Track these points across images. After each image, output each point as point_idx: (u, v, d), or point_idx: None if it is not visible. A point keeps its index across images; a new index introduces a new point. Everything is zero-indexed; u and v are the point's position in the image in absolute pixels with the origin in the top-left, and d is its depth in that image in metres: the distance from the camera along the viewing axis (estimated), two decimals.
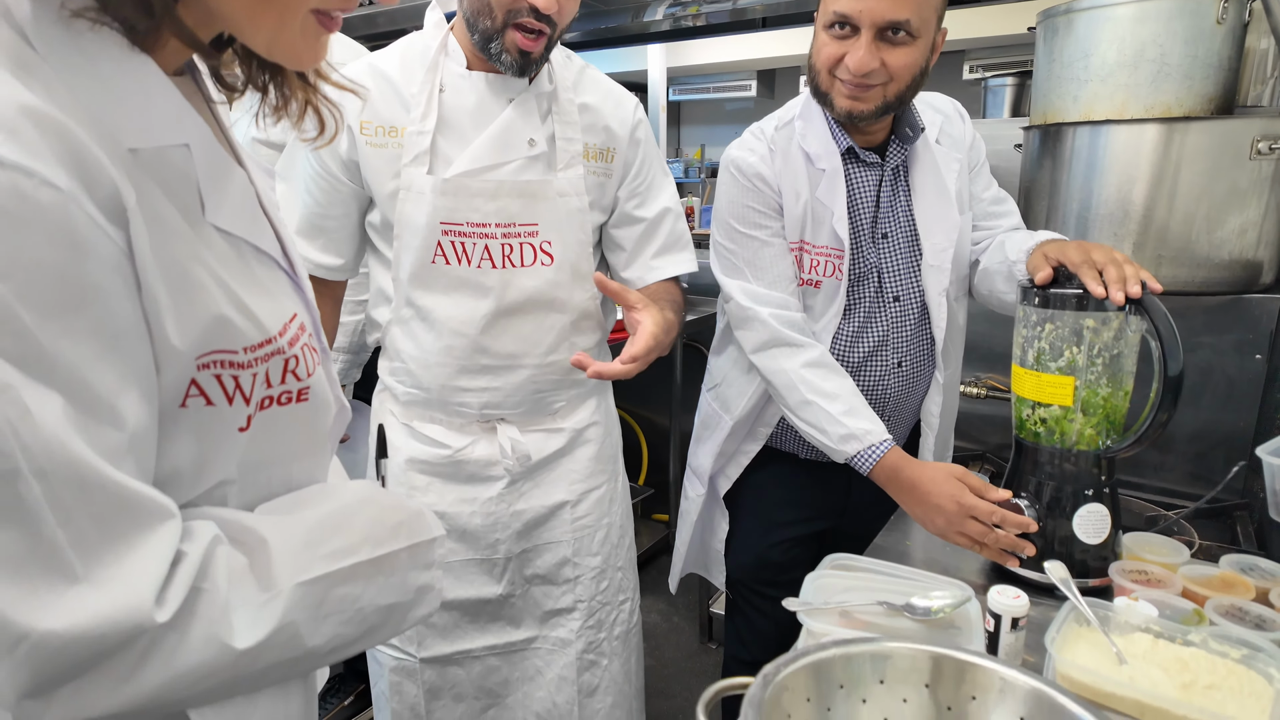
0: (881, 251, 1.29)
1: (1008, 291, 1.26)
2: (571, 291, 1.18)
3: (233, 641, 0.50)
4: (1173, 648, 0.79)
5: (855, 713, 0.64)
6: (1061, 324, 0.98)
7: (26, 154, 0.41)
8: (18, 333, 0.41)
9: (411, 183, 1.09)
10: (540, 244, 1.14)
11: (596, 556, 1.29)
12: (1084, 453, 0.99)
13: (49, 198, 0.42)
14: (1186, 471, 1.72)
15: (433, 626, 1.23)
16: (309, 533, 0.57)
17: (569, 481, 1.26)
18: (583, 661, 1.29)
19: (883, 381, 1.32)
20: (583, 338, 1.22)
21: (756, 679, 0.60)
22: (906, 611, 0.84)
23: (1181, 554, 1.01)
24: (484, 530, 1.22)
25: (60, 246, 0.43)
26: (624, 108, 1.23)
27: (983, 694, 0.64)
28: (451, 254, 1.11)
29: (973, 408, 2.03)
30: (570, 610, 1.28)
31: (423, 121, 1.09)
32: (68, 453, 0.43)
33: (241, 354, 0.54)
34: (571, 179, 1.15)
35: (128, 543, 0.46)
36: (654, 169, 1.27)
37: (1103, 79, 1.63)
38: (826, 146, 1.25)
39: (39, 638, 0.43)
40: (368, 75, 1.11)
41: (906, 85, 1.15)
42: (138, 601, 0.46)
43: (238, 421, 0.55)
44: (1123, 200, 1.64)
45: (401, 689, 1.26)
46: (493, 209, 1.10)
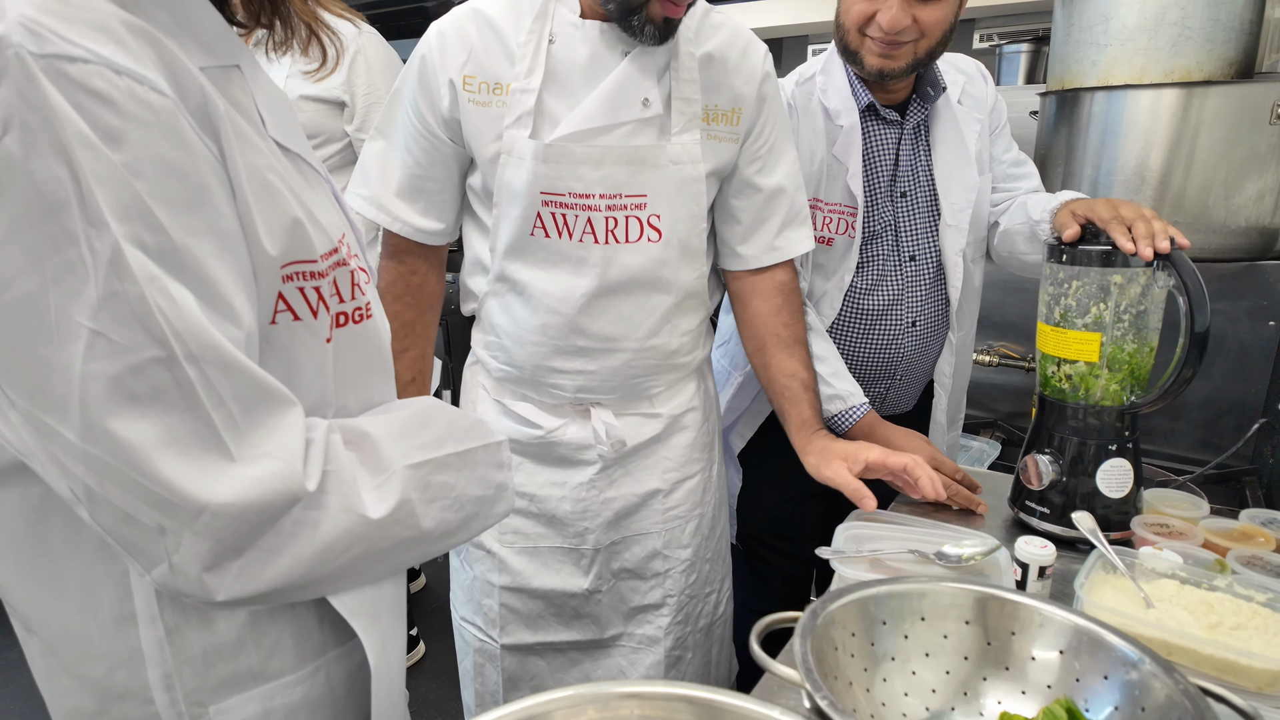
0: (899, 210, 1.29)
1: (1029, 252, 1.27)
2: (679, 270, 1.08)
3: (367, 512, 0.53)
4: (1198, 592, 0.81)
5: (898, 646, 0.66)
6: (1088, 280, 0.98)
7: (136, 62, 0.44)
8: (154, 228, 0.44)
9: (513, 146, 1.00)
10: (648, 218, 1.03)
11: (687, 549, 1.21)
12: (1108, 408, 1.00)
13: (160, 102, 0.44)
14: (1196, 437, 1.74)
15: (515, 613, 1.18)
16: (401, 426, 0.60)
17: (663, 470, 1.18)
18: (670, 659, 1.22)
19: (897, 340, 1.33)
20: (685, 319, 1.12)
21: (806, 612, 0.61)
22: (937, 559, 0.86)
23: (1201, 509, 1.03)
24: (573, 517, 1.15)
25: (177, 147, 0.45)
26: (752, 58, 1.08)
27: (1023, 629, 0.66)
28: (551, 226, 1.02)
29: (985, 376, 2.05)
30: (659, 606, 1.21)
31: (528, 78, 0.99)
32: (212, 339, 0.46)
33: (319, 261, 0.55)
34: (687, 144, 1.03)
35: (267, 425, 0.49)
36: (779, 130, 1.13)
37: (1122, 43, 1.62)
38: (846, 103, 1.25)
39: (217, 508, 0.46)
40: (472, 22, 1.01)
41: (937, 41, 1.15)
42: (290, 471, 0.49)
43: (323, 333, 0.57)
44: (1139, 166, 1.64)
45: (483, 671, 1.23)
46: (597, 177, 1.00)
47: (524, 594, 1.17)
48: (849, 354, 1.33)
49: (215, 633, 0.57)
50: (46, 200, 0.41)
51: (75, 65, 0.41)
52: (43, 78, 0.40)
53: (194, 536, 0.46)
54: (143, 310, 0.43)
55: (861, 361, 1.34)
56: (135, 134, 0.43)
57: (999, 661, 0.66)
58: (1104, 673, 0.61)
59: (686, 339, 1.14)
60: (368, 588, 0.59)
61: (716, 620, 1.28)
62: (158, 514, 0.46)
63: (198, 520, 0.46)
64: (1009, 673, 0.66)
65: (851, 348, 1.34)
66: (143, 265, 0.43)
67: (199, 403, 0.46)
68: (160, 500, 0.45)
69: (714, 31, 1.07)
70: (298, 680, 0.61)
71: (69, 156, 0.41)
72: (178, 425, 0.45)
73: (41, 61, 0.40)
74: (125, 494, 0.45)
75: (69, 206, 0.41)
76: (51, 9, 0.42)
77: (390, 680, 0.63)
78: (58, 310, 0.42)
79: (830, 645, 0.62)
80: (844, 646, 0.63)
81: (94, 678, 0.56)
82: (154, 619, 0.55)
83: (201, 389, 0.46)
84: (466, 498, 0.62)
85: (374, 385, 0.64)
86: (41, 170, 0.41)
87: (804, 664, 0.55)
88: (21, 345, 0.43)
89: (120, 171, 0.43)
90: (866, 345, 1.34)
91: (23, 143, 0.40)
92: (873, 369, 1.35)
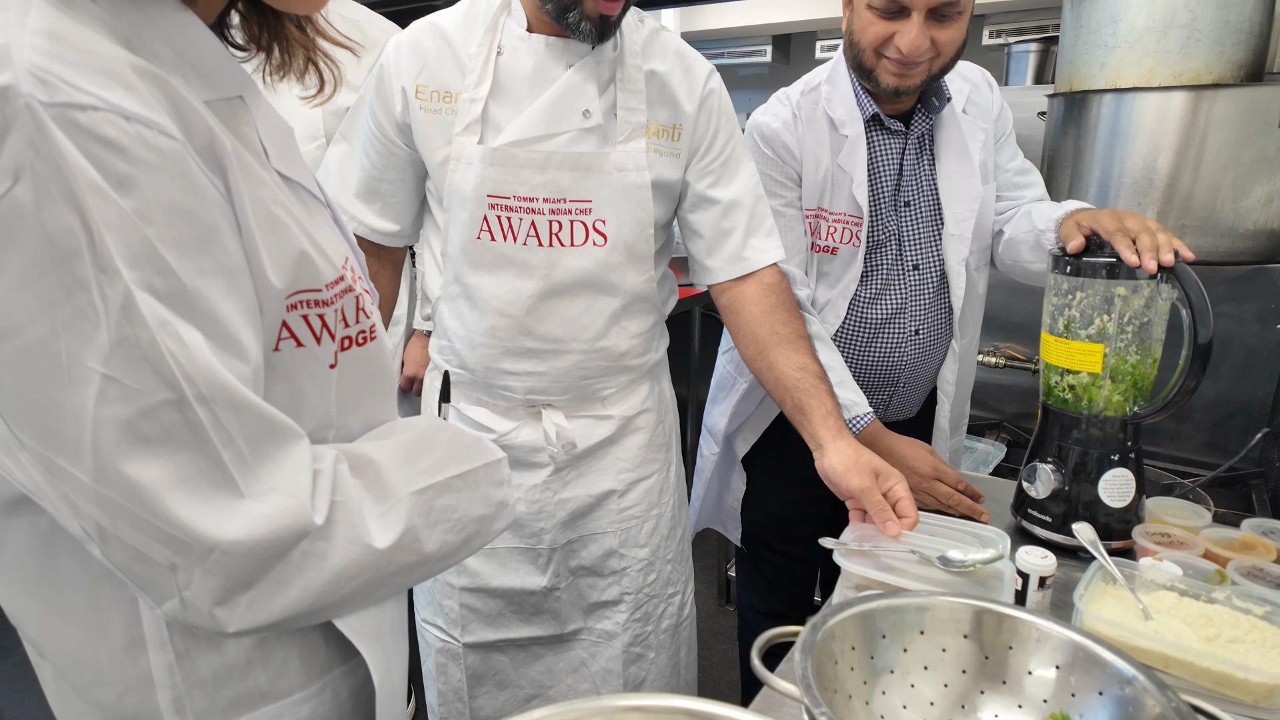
0: (902, 219, 1.30)
1: (1033, 261, 1.27)
2: (624, 274, 1.10)
3: (373, 542, 0.55)
4: (1197, 604, 0.82)
5: (897, 659, 0.67)
6: (1092, 292, 0.99)
7: (144, 107, 0.44)
8: (164, 272, 0.45)
9: (461, 152, 1.04)
10: (593, 222, 1.07)
11: (644, 548, 1.23)
12: (1111, 418, 1.01)
13: (169, 146, 0.45)
14: (1203, 441, 1.74)
15: (476, 612, 1.21)
16: (405, 451, 0.62)
17: (617, 470, 1.20)
18: (629, 655, 1.25)
19: (899, 349, 1.34)
20: (635, 321, 1.15)
21: (807, 627, 0.63)
22: (939, 563, 0.87)
23: (1203, 518, 1.04)
24: (528, 519, 1.18)
25: (186, 190, 0.46)
26: (694, 76, 1.11)
27: (1020, 644, 0.67)
28: (497, 229, 1.06)
29: (990, 377, 2.05)
30: (616, 603, 1.24)
31: (477, 88, 1.03)
32: (221, 380, 0.47)
33: (324, 290, 0.57)
34: (631, 152, 1.06)
35: (275, 460, 0.50)
36: (731, 144, 1.15)
37: (1131, 45, 1.61)
38: (851, 113, 1.26)
39: (228, 545, 0.47)
40: (428, 34, 1.06)
41: (950, 58, 1.17)
42: (298, 507, 0.50)
43: (327, 359, 0.58)
44: (1147, 169, 1.64)
45: (447, 670, 1.25)
46: (541, 182, 1.04)
47: (483, 593, 1.20)
48: (853, 362, 1.34)
49: (224, 655, 0.58)
50: (58, 248, 0.42)
51: (85, 113, 0.42)
52: (53, 127, 0.41)
53: (205, 573, 0.48)
54: (154, 355, 0.44)
55: (865, 370, 1.35)
56: (145, 180, 0.44)
57: (996, 675, 0.67)
58: (1099, 689, 0.62)
59: (637, 341, 1.16)
60: (371, 609, 0.61)
61: (682, 622, 1.31)
62: (169, 552, 0.47)
63: (209, 558, 0.47)
64: (1005, 687, 0.67)
65: (855, 356, 1.35)
66: (153, 310, 0.44)
67: (209, 442, 0.47)
68: (171, 539, 0.46)
69: (660, 50, 1.10)
70: (305, 698, 0.62)
71: (80, 205, 0.42)
72: (188, 465, 0.46)
73: (52, 110, 0.41)
74: (137, 532, 0.46)
75: (80, 254, 0.42)
76: (60, 56, 0.42)
77: (393, 696, 0.65)
78: (69, 356, 0.43)
79: (830, 659, 0.63)
80: (844, 660, 0.65)
81: (106, 702, 0.57)
82: (163, 644, 0.56)
83: (211, 429, 0.47)
84: (468, 518, 0.63)
85: (376, 405, 0.65)
86: (53, 219, 0.41)
87: (803, 680, 0.56)
88: (33, 390, 0.44)
89: (131, 218, 0.43)
90: (870, 354, 1.34)
91: (34, 192, 0.41)
92: (876, 377, 1.36)
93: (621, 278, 1.10)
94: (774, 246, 1.17)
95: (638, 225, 1.09)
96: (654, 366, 1.25)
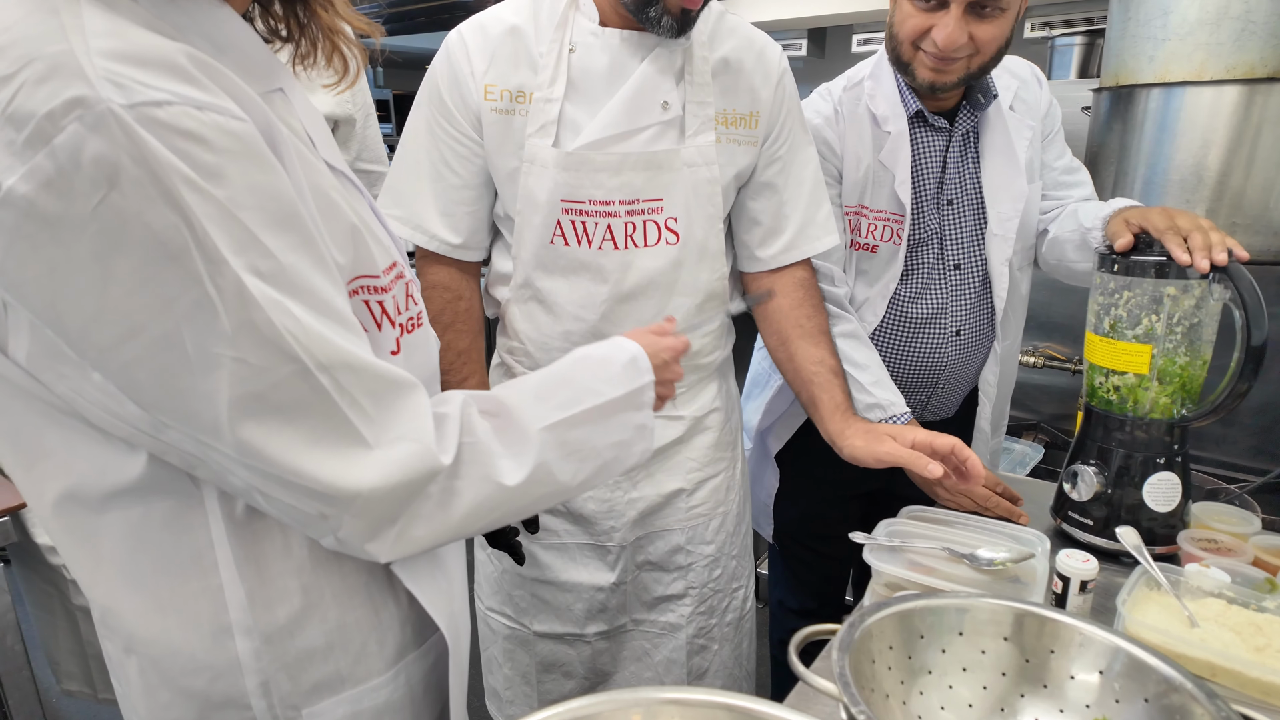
0: (945, 218, 1.28)
1: (1078, 260, 1.25)
2: (697, 273, 1.08)
3: (503, 480, 0.59)
4: (1246, 613, 0.80)
5: (936, 660, 0.67)
6: (1140, 291, 0.97)
7: (212, 95, 0.45)
8: (264, 254, 0.47)
9: (535, 155, 1.00)
10: (665, 221, 1.04)
11: (710, 545, 1.23)
12: (1157, 421, 0.99)
13: (242, 129, 0.46)
14: (1251, 445, 1.69)
15: (547, 604, 1.22)
16: (537, 389, 0.65)
17: (686, 470, 1.19)
18: (693, 646, 1.25)
19: (940, 349, 1.32)
20: (709, 319, 1.10)
21: (845, 625, 0.63)
22: (969, 561, 0.86)
23: (1252, 524, 1.01)
24: (599, 516, 1.17)
25: (265, 170, 0.48)
26: (767, 60, 1.08)
27: (1062, 648, 0.66)
28: (571, 234, 1.02)
29: (1030, 377, 2.02)
30: (681, 596, 1.23)
31: (550, 87, 0.99)
32: (334, 345, 0.50)
33: (382, 276, 0.58)
34: (701, 146, 1.03)
35: (397, 410, 0.54)
36: (796, 129, 1.13)
37: (1182, 38, 1.57)
38: (894, 109, 1.24)
39: (368, 493, 0.52)
40: (495, 27, 1.00)
41: (991, 57, 1.14)
42: (425, 451, 0.54)
43: (389, 346, 0.60)
44: (1197, 166, 1.59)
45: (515, 656, 1.27)
46: (616, 184, 1.00)
47: (553, 586, 1.21)
48: (892, 361, 1.32)
49: (307, 639, 0.60)
50: (167, 247, 0.43)
51: (163, 109, 0.43)
52: (138, 128, 0.42)
53: (352, 518, 0.52)
54: (273, 334, 0.47)
55: (904, 369, 1.34)
56: (230, 166, 0.45)
57: (1037, 679, 0.67)
58: (1144, 695, 0.61)
59: (708, 340, 1.16)
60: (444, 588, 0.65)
61: (745, 615, 1.31)
62: (317, 504, 0.51)
63: (352, 505, 0.52)
64: (1047, 691, 0.66)
65: (895, 355, 1.33)
66: (263, 292, 0.47)
67: (335, 404, 0.50)
68: (316, 494, 0.51)
69: (729, 35, 1.06)
70: (383, 684, 0.65)
71: (179, 202, 0.43)
72: (320, 427, 0.50)
73: (133, 112, 0.42)
74: (286, 490, 0.51)
75: (189, 250, 0.44)
76: (125, 56, 0.43)
77: (461, 671, 0.69)
78: (195, 345, 0.46)
79: (868, 658, 0.63)
80: (881, 659, 0.64)
81: (196, 689, 0.59)
82: (249, 630, 0.58)
83: (335, 392, 0.50)
84: (604, 445, 0.66)
85: (433, 392, 0.67)
86: (157, 219, 0.43)
87: (841, 678, 0.57)
88: (166, 381, 0.46)
89: (226, 207, 0.45)
90: (910, 353, 1.33)
91: (134, 195, 0.42)
92: (916, 377, 1.35)
93: (694, 276, 1.08)
94: (829, 232, 1.16)
95: (708, 221, 1.07)
96: (721, 364, 1.23)
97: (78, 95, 0.41)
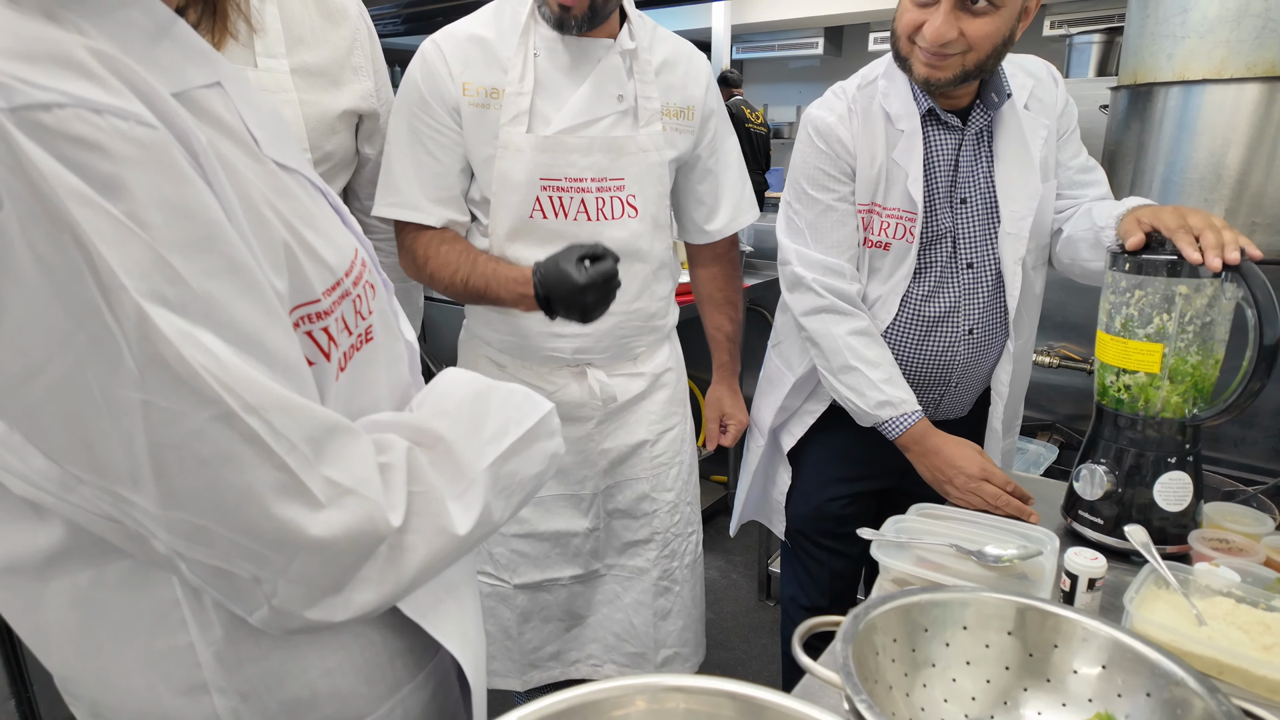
0: (958, 216, 1.28)
1: (1092, 259, 1.24)
2: (653, 242, 1.28)
3: (456, 529, 0.54)
4: (1255, 612, 0.80)
5: (939, 653, 0.68)
6: (1152, 290, 0.97)
7: (113, 95, 0.39)
8: (172, 279, 0.40)
9: (510, 141, 1.16)
10: (626, 197, 1.23)
11: (670, 492, 1.42)
12: (1168, 420, 0.99)
13: (149, 136, 0.40)
14: (1269, 446, 1.67)
15: (525, 556, 1.37)
16: (470, 423, 0.60)
17: (648, 422, 1.38)
18: (658, 588, 1.43)
19: (952, 347, 1.32)
20: (660, 285, 1.33)
21: (848, 617, 0.63)
22: (976, 558, 0.87)
23: (1265, 524, 1.00)
24: (574, 467, 1.34)
25: (177, 183, 0.41)
26: (697, 65, 1.32)
27: (1065, 642, 0.66)
28: (550, 208, 1.19)
29: (1044, 377, 2.01)
30: (647, 541, 1.41)
31: (521, 83, 1.16)
32: (262, 383, 0.43)
33: (322, 299, 0.52)
34: (652, 134, 1.24)
35: (343, 458, 0.48)
36: (723, 123, 1.36)
37: (1201, 35, 1.56)
38: (907, 107, 1.24)
39: (306, 555, 0.46)
40: (465, 39, 1.17)
41: (987, 54, 1.13)
42: (374, 510, 0.49)
43: (333, 373, 0.55)
44: (1215, 164, 1.58)
45: (496, 613, 1.40)
46: (587, 164, 1.18)
47: (532, 538, 1.37)
48: (904, 360, 1.33)
49: (288, 693, 0.57)
50: (56, 273, 0.37)
51: (50, 112, 0.36)
52: (18, 135, 0.36)
53: (289, 583, 0.46)
54: (186, 371, 0.40)
55: (917, 368, 1.34)
56: (132, 178, 0.39)
57: (1040, 673, 0.67)
58: (1146, 690, 0.62)
59: (661, 303, 1.35)
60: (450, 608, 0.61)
61: (698, 559, 1.51)
62: (251, 565, 0.45)
63: (290, 568, 0.46)
64: (1050, 684, 0.67)
65: (907, 354, 1.33)
66: (171, 323, 0.40)
67: (270, 451, 0.43)
68: (251, 553, 0.45)
69: (662, 42, 1.29)
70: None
71: (68, 219, 0.37)
72: (255, 479, 0.43)
73: (13, 116, 0.36)
74: (214, 550, 0.44)
75: (81, 275, 0.38)
76: (12, 49, 0.37)
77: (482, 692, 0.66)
78: (100, 386, 0.39)
79: (871, 650, 0.64)
80: (885, 651, 0.65)
81: None
82: (224, 688, 0.54)
83: (269, 437, 0.43)
84: (526, 477, 0.62)
85: (382, 407, 0.62)
86: (43, 241, 0.37)
87: (844, 668, 0.57)
88: (74, 427, 0.41)
89: (125, 224, 0.38)
90: (922, 352, 1.33)
91: (16, 214, 0.36)
92: (928, 375, 1.35)
93: (651, 245, 1.28)
94: (749, 210, 1.43)
95: (659, 198, 1.28)
96: (670, 329, 1.44)
97: None
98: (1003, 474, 1.16)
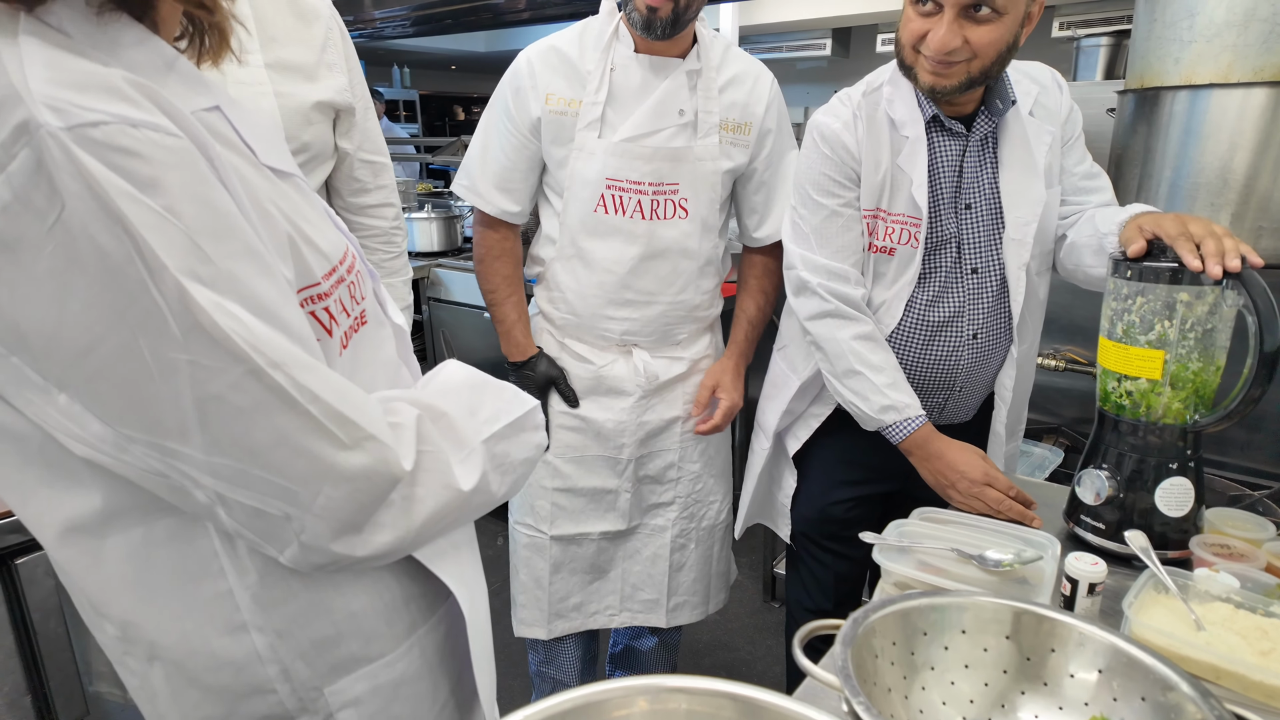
0: (962, 222, 1.29)
1: (1095, 265, 1.25)
2: (701, 242, 1.44)
3: (460, 485, 0.62)
4: (1253, 618, 0.80)
5: (938, 657, 0.69)
6: (1153, 297, 0.97)
7: (146, 113, 0.48)
8: (204, 260, 0.49)
9: (584, 144, 1.36)
10: (680, 200, 1.39)
11: (696, 464, 1.59)
12: (1169, 426, 0.99)
13: (177, 144, 0.49)
14: (1275, 451, 1.67)
15: (563, 509, 1.55)
16: (467, 405, 0.68)
17: (684, 401, 1.55)
18: (675, 544, 1.61)
19: (956, 352, 1.33)
20: (706, 280, 1.49)
21: (848, 621, 0.65)
22: (977, 562, 0.88)
23: (1267, 530, 1.01)
24: (614, 433, 1.52)
25: (201, 181, 0.50)
26: (761, 84, 1.45)
27: (1062, 646, 0.67)
28: (612, 205, 1.37)
29: (1050, 380, 2.01)
30: (669, 504, 1.60)
31: (596, 94, 1.34)
32: (283, 344, 0.52)
33: (322, 282, 0.60)
34: (708, 146, 1.40)
35: (361, 408, 0.56)
36: (785, 138, 1.49)
37: (1208, 39, 1.56)
38: (912, 114, 1.25)
39: (330, 491, 0.54)
40: (554, 55, 1.36)
41: (991, 62, 1.14)
42: (389, 456, 0.57)
43: (336, 349, 0.63)
44: (1222, 169, 1.58)
45: (530, 563, 1.58)
46: (648, 170, 1.36)
47: (571, 493, 1.55)
48: (909, 364, 1.34)
49: (318, 629, 0.65)
50: (113, 258, 0.46)
51: (99, 129, 0.45)
52: (76, 148, 0.44)
53: (315, 518, 0.54)
54: (219, 335, 0.49)
55: (921, 372, 1.35)
56: (166, 177, 0.47)
57: (1037, 677, 0.68)
58: (1141, 694, 0.63)
59: (705, 297, 1.51)
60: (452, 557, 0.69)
61: (718, 524, 1.66)
62: (282, 503, 0.53)
63: (315, 503, 0.54)
64: (1047, 688, 0.68)
65: (912, 359, 1.34)
66: (205, 296, 0.48)
67: (294, 401, 0.52)
68: (283, 490, 0.53)
69: (734, 61, 1.44)
70: (396, 658, 0.69)
71: (119, 214, 0.45)
72: (284, 424, 0.52)
73: (70, 134, 0.44)
74: (252, 491, 0.52)
75: (132, 259, 0.46)
76: (65, 81, 0.46)
77: (481, 629, 0.73)
78: (152, 352, 0.48)
79: (871, 653, 0.65)
80: (884, 654, 0.67)
81: (222, 684, 0.64)
82: (262, 626, 0.62)
83: (293, 389, 0.52)
84: (517, 461, 0.70)
85: (379, 383, 0.69)
86: (101, 233, 0.45)
87: (843, 670, 0.59)
88: (129, 391, 0.49)
89: (164, 215, 0.47)
90: (927, 356, 1.34)
91: (79, 212, 0.45)
92: (932, 380, 1.36)
93: (699, 245, 1.44)
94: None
95: (710, 203, 1.43)
96: (713, 320, 1.60)
97: (22, 121, 0.44)
98: (1005, 479, 1.17)
